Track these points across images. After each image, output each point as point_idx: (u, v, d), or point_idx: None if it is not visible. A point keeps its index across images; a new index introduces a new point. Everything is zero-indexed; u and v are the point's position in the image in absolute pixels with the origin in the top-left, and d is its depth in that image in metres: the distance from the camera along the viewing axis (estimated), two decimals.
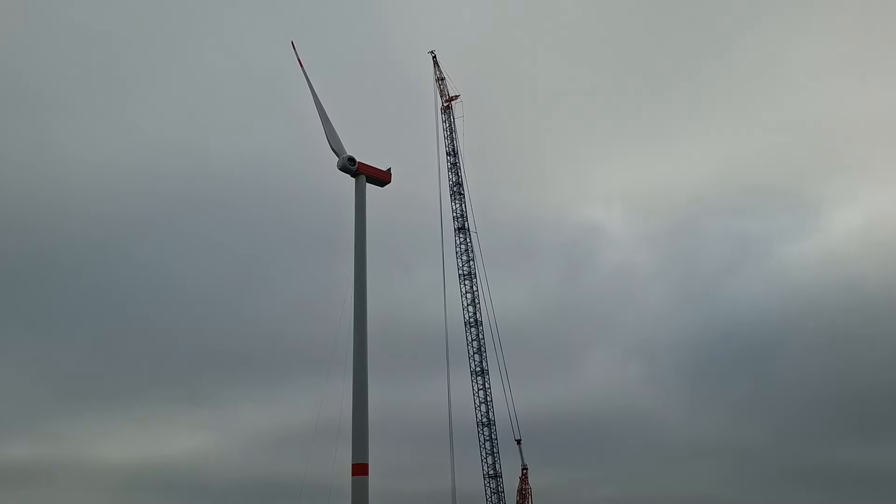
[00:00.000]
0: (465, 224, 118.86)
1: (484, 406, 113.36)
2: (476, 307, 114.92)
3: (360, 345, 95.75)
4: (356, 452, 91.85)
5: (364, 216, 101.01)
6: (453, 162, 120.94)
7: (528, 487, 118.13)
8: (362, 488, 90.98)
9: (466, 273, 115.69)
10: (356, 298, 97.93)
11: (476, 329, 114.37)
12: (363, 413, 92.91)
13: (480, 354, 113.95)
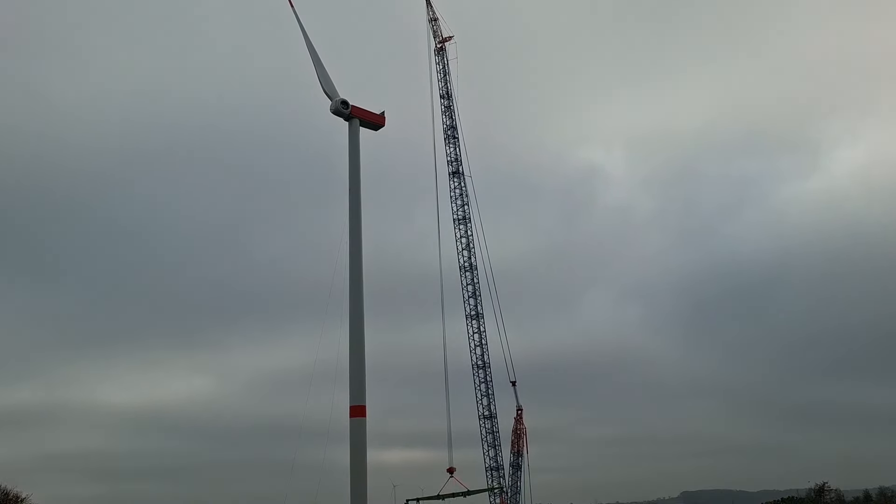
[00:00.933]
0: (459, 168, 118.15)
1: (479, 349, 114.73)
2: (471, 252, 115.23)
3: (356, 289, 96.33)
4: (353, 395, 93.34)
5: (358, 160, 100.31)
6: (447, 105, 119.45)
7: (522, 428, 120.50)
8: (360, 430, 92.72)
9: (461, 218, 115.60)
10: (351, 242, 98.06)
11: (471, 273, 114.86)
12: (360, 356, 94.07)
13: (475, 298, 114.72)
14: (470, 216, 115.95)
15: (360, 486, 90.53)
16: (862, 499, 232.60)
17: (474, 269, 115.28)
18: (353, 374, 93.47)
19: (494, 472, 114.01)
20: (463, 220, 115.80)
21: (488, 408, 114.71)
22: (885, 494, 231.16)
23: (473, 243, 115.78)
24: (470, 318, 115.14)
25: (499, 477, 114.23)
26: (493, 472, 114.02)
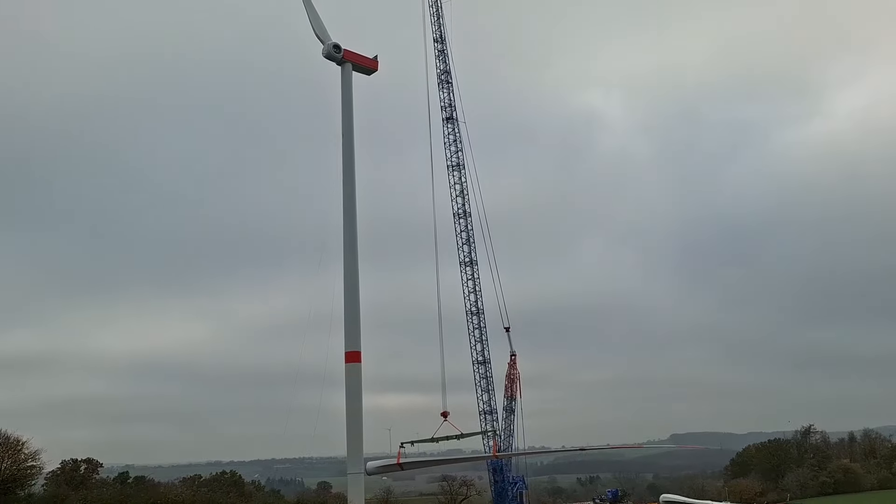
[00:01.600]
0: (453, 114, 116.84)
1: (473, 295, 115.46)
2: (465, 198, 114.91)
3: (350, 235, 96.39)
4: (349, 340, 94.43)
5: (351, 105, 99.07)
6: (441, 49, 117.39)
7: (516, 373, 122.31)
8: (355, 375, 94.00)
9: (455, 164, 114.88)
10: (345, 188, 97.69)
11: (465, 220, 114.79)
12: (354, 302, 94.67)
13: (469, 245, 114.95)
14: (464, 162, 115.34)
15: (355, 431, 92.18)
16: (847, 440, 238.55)
17: (468, 216, 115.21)
18: (347, 319, 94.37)
19: (488, 416, 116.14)
20: (457, 167, 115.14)
21: (482, 353, 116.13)
22: (868, 436, 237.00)
23: (467, 190, 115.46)
24: (464, 265, 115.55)
25: (492, 421, 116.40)
26: (487, 416, 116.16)
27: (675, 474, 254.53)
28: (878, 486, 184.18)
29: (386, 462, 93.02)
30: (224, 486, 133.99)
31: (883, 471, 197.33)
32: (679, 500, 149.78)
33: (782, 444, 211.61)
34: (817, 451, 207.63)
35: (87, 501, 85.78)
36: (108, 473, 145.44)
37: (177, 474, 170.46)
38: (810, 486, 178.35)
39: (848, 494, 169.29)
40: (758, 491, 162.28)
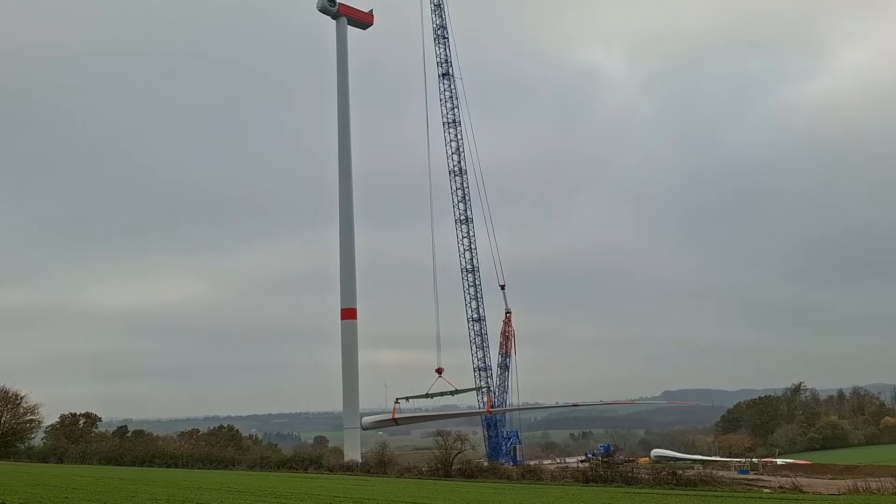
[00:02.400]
0: (449, 70, 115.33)
1: (468, 253, 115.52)
2: (461, 155, 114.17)
3: (346, 192, 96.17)
4: (344, 297, 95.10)
5: (346, 59, 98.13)
6: (437, 3, 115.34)
7: (510, 330, 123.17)
8: (351, 332, 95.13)
9: (451, 121, 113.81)
10: (340, 144, 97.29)
11: (461, 177, 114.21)
12: (350, 259, 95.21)
13: (465, 203, 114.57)
14: (460, 119, 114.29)
15: (351, 386, 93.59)
16: (836, 397, 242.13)
17: (464, 174, 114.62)
18: (343, 276, 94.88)
19: (482, 373, 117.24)
20: (453, 124, 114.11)
21: (477, 311, 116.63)
22: (858, 394, 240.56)
23: (463, 147, 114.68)
24: (459, 223, 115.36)
25: (487, 377, 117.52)
26: (482, 373, 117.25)
27: (666, 430, 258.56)
28: (866, 442, 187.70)
29: (381, 417, 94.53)
30: (221, 440, 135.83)
31: (870, 427, 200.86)
32: (669, 454, 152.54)
33: (772, 401, 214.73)
34: (807, 407, 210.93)
35: (86, 454, 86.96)
36: (107, 427, 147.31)
37: (175, 428, 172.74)
38: (799, 441, 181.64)
39: (835, 450, 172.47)
40: (747, 446, 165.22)
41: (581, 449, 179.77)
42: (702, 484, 58.85)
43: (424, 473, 67.36)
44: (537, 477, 64.97)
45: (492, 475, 66.46)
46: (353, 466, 73.29)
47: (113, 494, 35.84)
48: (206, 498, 36.65)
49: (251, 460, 78.90)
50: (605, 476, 61.58)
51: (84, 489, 38.80)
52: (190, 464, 76.22)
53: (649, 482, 59.12)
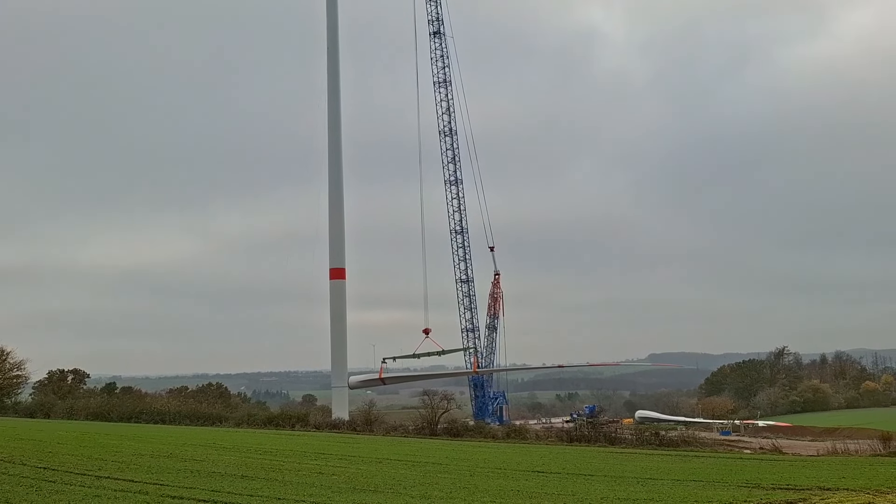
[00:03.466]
0: (440, 28, 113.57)
1: (458, 214, 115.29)
2: (451, 116, 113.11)
3: (335, 150, 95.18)
4: (333, 257, 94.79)
5: (336, 18, 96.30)
6: None
7: (499, 291, 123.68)
8: (340, 291, 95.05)
9: (441, 80, 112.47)
10: (330, 103, 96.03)
11: (451, 138, 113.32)
12: (339, 219, 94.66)
13: (455, 164, 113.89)
14: (451, 79, 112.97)
15: (340, 346, 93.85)
16: (818, 362, 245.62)
17: (454, 134, 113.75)
18: (332, 237, 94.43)
19: (470, 334, 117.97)
20: (443, 83, 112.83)
21: (465, 272, 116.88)
22: (840, 358, 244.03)
23: (454, 107, 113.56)
24: (449, 184, 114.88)
25: (474, 338, 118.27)
26: (469, 334, 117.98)
27: (651, 392, 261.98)
28: (846, 406, 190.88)
29: (368, 377, 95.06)
30: (210, 398, 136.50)
31: (851, 391, 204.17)
32: (653, 416, 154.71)
33: (756, 365, 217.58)
34: (789, 371, 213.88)
35: (73, 410, 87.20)
36: (95, 384, 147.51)
37: (164, 386, 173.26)
38: (780, 404, 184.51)
39: (816, 413, 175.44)
40: (730, 408, 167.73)
41: (567, 410, 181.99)
42: (683, 445, 59.78)
43: (410, 432, 68.03)
44: (522, 436, 65.79)
45: (477, 434, 67.23)
46: (339, 424, 73.91)
47: (97, 449, 35.93)
48: (191, 454, 36.81)
49: (238, 417, 79.37)
50: (589, 436, 62.46)
51: (68, 444, 38.88)
52: (177, 420, 76.63)
53: (632, 442, 60.01)
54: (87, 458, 31.96)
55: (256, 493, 24.08)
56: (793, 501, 24.87)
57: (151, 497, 22.15)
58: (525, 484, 29.51)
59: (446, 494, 25.61)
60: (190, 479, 27.07)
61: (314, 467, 33.20)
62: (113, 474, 27.19)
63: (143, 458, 33.26)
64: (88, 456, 32.44)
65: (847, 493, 26.92)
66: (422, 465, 36.48)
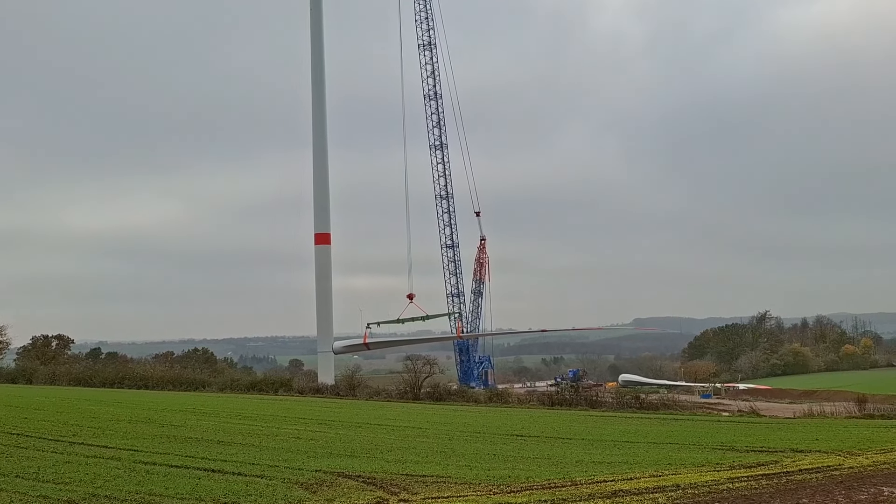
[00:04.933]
0: None
1: (443, 179, 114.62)
2: (436, 79, 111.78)
3: (319, 114, 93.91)
4: (318, 222, 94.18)
5: None
6: None
7: (485, 257, 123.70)
8: (325, 256, 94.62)
9: (426, 43, 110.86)
10: (313, 65, 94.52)
11: (436, 102, 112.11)
12: (324, 183, 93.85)
13: (440, 128, 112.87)
14: (436, 42, 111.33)
15: (325, 311, 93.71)
16: (800, 326, 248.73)
17: (439, 98, 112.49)
18: (317, 201, 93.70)
19: (455, 299, 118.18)
20: (428, 46, 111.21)
21: (451, 237, 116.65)
22: (821, 322, 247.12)
23: (439, 71, 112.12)
24: (434, 149, 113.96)
25: (460, 303, 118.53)
26: (455, 299, 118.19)
27: (635, 356, 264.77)
28: (826, 369, 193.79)
29: (352, 342, 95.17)
30: (196, 363, 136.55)
31: (830, 354, 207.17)
32: (637, 379, 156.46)
33: (738, 329, 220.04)
34: (771, 335, 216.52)
35: (56, 375, 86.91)
36: (80, 349, 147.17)
37: (149, 351, 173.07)
38: (762, 367, 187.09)
39: (796, 376, 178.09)
40: (711, 372, 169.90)
41: (552, 374, 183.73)
42: (663, 408, 60.42)
43: (393, 396, 68.34)
44: (504, 400, 66.25)
45: (460, 398, 67.62)
46: (322, 389, 74.11)
47: (74, 415, 35.79)
48: (169, 419, 36.76)
49: (221, 383, 79.37)
50: (571, 400, 62.97)
51: (46, 410, 38.72)
52: (160, 386, 76.58)
53: (613, 406, 60.57)
54: (63, 423, 31.82)
55: (231, 458, 24.03)
56: (765, 463, 25.14)
57: (124, 463, 22.05)
58: (502, 448, 29.67)
59: (422, 458, 25.69)
60: (165, 444, 27.01)
61: (292, 432, 33.24)
62: (87, 440, 27.08)
63: (120, 423, 33.16)
64: (65, 422, 32.30)
65: (818, 454, 27.27)
66: (401, 430, 36.63)
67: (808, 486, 20.39)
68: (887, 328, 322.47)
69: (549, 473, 22.31)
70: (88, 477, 19.45)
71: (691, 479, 21.16)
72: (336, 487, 19.30)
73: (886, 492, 19.31)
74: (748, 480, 21.09)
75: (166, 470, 21.09)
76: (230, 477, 20.32)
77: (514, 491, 19.21)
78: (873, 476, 22.07)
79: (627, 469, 23.55)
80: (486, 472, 22.28)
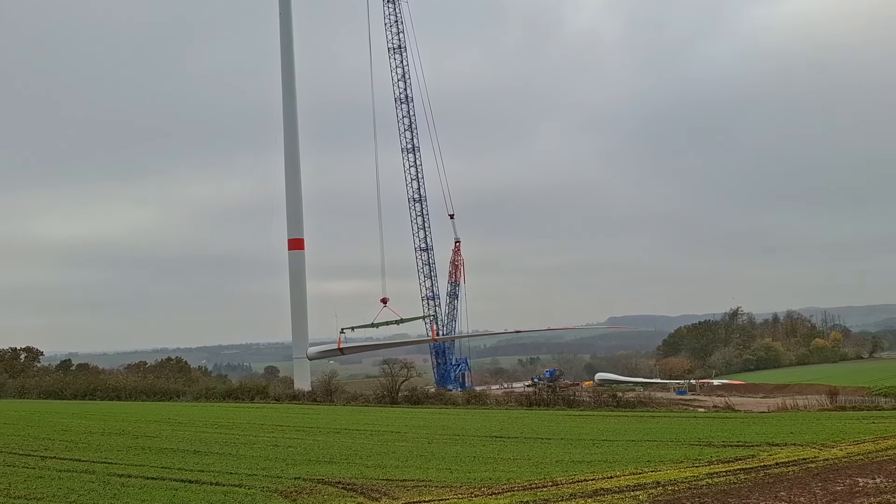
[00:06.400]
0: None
1: (415, 182, 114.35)
2: (407, 82, 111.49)
3: (290, 118, 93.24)
4: (291, 227, 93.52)
5: None
6: None
7: (460, 259, 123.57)
8: (299, 262, 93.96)
9: (396, 46, 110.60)
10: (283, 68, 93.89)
11: (407, 105, 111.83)
12: (296, 188, 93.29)
13: (412, 131, 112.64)
14: (405, 45, 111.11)
15: (300, 317, 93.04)
16: (771, 321, 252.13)
17: (410, 101, 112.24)
18: (290, 207, 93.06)
19: (431, 302, 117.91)
20: (398, 49, 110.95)
21: (424, 240, 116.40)
22: (791, 317, 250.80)
23: (409, 74, 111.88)
24: (406, 152, 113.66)
25: (435, 306, 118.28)
26: (430, 302, 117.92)
27: (610, 354, 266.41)
28: (797, 363, 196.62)
29: (327, 347, 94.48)
30: (170, 372, 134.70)
31: (801, 348, 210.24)
32: (613, 378, 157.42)
33: (711, 326, 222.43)
34: (743, 331, 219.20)
35: (25, 388, 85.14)
36: (50, 361, 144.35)
37: (122, 361, 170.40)
38: (735, 363, 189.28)
39: (768, 370, 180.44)
40: (686, 368, 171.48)
41: (529, 374, 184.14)
42: (640, 405, 60.82)
43: (371, 401, 68.01)
44: (482, 402, 66.23)
45: (438, 401, 67.47)
46: (299, 396, 73.51)
47: (45, 429, 35.06)
48: (144, 430, 36.17)
49: (196, 392, 78.35)
50: (549, 400, 63.12)
51: (15, 424, 37.88)
52: (133, 396, 75.36)
53: (590, 405, 60.85)
54: (33, 438, 31.15)
55: (208, 468, 23.69)
56: (742, 457, 25.39)
57: (98, 476, 21.62)
58: (482, 450, 29.63)
59: (402, 462, 25.55)
60: (140, 456, 26.55)
61: (270, 440, 32.89)
62: (59, 454, 26.52)
63: (92, 436, 32.55)
64: (35, 436, 31.63)
65: (794, 448, 27.61)
66: (380, 434, 36.43)
67: (786, 479, 20.61)
68: (855, 321, 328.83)
69: (530, 474, 22.31)
70: (62, 491, 19.03)
71: (671, 476, 21.29)
72: (316, 494, 19.11)
73: (861, 483, 19.58)
74: (727, 475, 21.27)
75: (142, 482, 20.72)
76: (208, 487, 20.01)
77: (495, 493, 19.16)
78: (848, 468, 22.38)
79: (607, 467, 23.63)
80: (466, 475, 22.21)
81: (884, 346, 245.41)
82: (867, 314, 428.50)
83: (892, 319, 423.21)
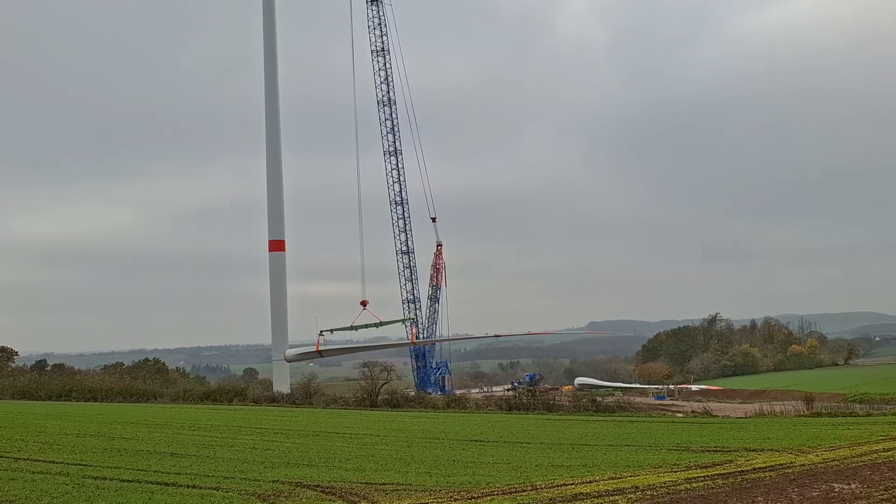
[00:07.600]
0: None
1: (397, 186, 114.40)
2: (390, 85, 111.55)
3: (272, 119, 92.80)
4: (272, 229, 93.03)
5: None
6: None
7: (441, 262, 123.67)
8: (279, 264, 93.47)
9: (379, 49, 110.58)
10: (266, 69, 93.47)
11: (390, 108, 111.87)
12: (278, 189, 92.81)
13: (394, 134, 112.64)
14: (389, 47, 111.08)
15: (280, 319, 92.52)
16: (749, 327, 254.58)
17: (393, 104, 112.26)
18: (271, 208, 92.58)
19: (411, 305, 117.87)
20: (381, 52, 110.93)
21: (406, 243, 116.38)
22: (769, 323, 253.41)
23: (392, 76, 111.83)
24: (388, 155, 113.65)
25: (416, 309, 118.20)
26: (411, 305, 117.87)
27: (590, 359, 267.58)
28: (774, 369, 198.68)
29: (305, 349, 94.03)
30: (147, 373, 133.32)
31: (778, 354, 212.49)
32: (592, 382, 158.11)
33: (690, 331, 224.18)
34: (721, 337, 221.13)
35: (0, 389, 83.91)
36: (25, 362, 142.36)
37: (98, 362, 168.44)
38: (713, 368, 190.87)
39: (746, 376, 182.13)
40: (665, 374, 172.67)
41: (509, 378, 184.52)
42: (620, 410, 61.04)
43: (350, 404, 67.73)
44: (462, 406, 66.21)
45: (418, 405, 67.35)
46: (278, 398, 73.04)
47: (18, 430, 34.52)
48: (121, 432, 35.74)
49: (174, 393, 77.57)
50: (528, 404, 63.20)
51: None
52: (109, 398, 74.44)
53: (570, 409, 61.01)
54: (6, 439, 30.65)
55: (185, 470, 23.44)
56: (720, 462, 25.57)
57: (72, 478, 21.30)
58: (462, 453, 29.59)
59: (381, 466, 25.45)
60: (115, 458, 26.21)
61: (248, 442, 32.62)
62: (33, 455, 26.11)
63: (67, 437, 32.10)
64: (9, 437, 31.12)
65: (771, 453, 27.85)
66: (359, 437, 36.27)
67: (763, 484, 20.78)
68: (831, 328, 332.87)
69: (510, 478, 22.32)
70: (35, 494, 18.73)
71: (649, 481, 21.39)
72: (294, 498, 18.97)
73: (837, 488, 19.78)
74: (704, 480, 21.40)
75: (117, 485, 20.45)
76: (184, 490, 19.80)
77: (474, 497, 19.14)
78: (824, 473, 22.60)
79: (587, 472, 23.69)
80: (446, 479, 22.17)
81: (859, 352, 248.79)
82: (843, 321, 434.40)
83: (868, 327, 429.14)
